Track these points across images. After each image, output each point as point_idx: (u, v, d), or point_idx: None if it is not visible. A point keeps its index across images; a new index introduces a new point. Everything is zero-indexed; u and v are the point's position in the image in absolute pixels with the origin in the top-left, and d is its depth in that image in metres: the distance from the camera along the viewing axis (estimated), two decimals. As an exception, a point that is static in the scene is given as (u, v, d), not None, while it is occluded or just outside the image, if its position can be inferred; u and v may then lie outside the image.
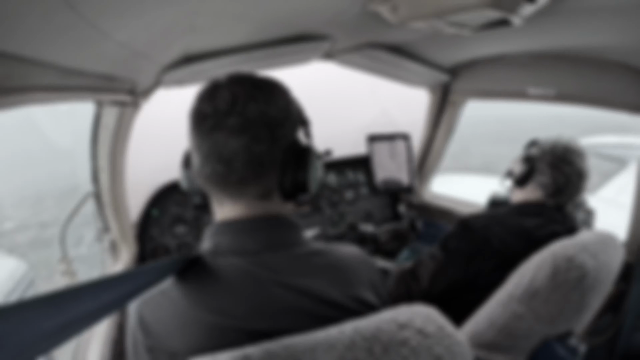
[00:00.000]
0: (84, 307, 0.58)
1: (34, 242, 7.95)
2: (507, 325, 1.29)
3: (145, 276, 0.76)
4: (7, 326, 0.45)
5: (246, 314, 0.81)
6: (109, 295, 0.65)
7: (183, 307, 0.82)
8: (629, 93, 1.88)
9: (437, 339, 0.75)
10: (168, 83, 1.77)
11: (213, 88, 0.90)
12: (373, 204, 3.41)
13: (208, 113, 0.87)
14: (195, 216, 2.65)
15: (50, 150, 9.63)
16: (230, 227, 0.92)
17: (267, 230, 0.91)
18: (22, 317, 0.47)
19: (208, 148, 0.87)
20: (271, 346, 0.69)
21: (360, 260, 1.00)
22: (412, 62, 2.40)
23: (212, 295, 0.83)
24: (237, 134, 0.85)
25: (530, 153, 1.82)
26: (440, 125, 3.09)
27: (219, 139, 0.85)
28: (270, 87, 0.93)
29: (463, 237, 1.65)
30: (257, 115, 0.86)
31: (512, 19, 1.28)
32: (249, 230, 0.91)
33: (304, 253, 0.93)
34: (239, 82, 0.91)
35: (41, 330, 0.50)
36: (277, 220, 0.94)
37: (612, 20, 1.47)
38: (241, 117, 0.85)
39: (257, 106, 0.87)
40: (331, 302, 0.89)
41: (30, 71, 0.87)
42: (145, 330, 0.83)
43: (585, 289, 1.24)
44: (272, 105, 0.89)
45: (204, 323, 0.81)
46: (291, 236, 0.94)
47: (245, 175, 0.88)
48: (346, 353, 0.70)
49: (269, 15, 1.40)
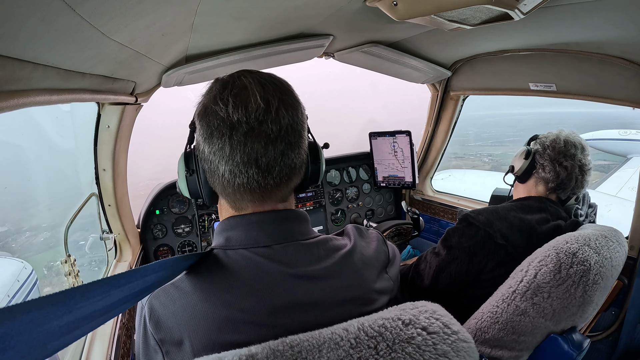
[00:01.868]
0: (93, 306, 0.58)
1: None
2: (511, 321, 1.29)
3: (155, 273, 0.76)
4: (17, 325, 0.45)
5: (257, 307, 0.82)
6: (119, 293, 0.65)
7: (194, 300, 0.83)
8: (629, 87, 1.88)
9: (442, 337, 0.75)
10: (169, 83, 1.78)
11: (239, 89, 0.86)
12: (375, 201, 3.41)
13: (239, 119, 0.83)
14: (197, 215, 2.66)
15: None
16: (242, 221, 0.92)
17: (277, 224, 0.92)
18: (31, 317, 0.47)
19: (244, 157, 0.84)
20: (277, 345, 0.69)
21: (365, 250, 1.01)
22: (413, 59, 2.40)
23: (223, 289, 0.84)
24: (274, 143, 0.85)
25: (531, 148, 1.81)
26: (441, 121, 3.09)
27: (256, 148, 0.84)
28: (289, 87, 0.93)
29: (466, 233, 1.64)
30: (289, 121, 0.87)
31: (512, 14, 1.27)
32: (260, 224, 0.91)
33: (314, 242, 0.94)
34: (262, 84, 0.88)
35: (51, 330, 0.50)
36: (287, 212, 0.95)
37: (612, 15, 1.46)
38: (276, 124, 0.85)
39: (288, 112, 0.87)
40: (347, 298, 0.90)
41: (31, 73, 0.87)
42: (156, 324, 0.84)
43: (589, 284, 1.24)
44: (297, 109, 0.91)
45: (215, 315, 0.81)
46: (302, 229, 0.96)
47: (281, 181, 0.89)
48: (352, 351, 0.71)
49: (269, 13, 1.40)
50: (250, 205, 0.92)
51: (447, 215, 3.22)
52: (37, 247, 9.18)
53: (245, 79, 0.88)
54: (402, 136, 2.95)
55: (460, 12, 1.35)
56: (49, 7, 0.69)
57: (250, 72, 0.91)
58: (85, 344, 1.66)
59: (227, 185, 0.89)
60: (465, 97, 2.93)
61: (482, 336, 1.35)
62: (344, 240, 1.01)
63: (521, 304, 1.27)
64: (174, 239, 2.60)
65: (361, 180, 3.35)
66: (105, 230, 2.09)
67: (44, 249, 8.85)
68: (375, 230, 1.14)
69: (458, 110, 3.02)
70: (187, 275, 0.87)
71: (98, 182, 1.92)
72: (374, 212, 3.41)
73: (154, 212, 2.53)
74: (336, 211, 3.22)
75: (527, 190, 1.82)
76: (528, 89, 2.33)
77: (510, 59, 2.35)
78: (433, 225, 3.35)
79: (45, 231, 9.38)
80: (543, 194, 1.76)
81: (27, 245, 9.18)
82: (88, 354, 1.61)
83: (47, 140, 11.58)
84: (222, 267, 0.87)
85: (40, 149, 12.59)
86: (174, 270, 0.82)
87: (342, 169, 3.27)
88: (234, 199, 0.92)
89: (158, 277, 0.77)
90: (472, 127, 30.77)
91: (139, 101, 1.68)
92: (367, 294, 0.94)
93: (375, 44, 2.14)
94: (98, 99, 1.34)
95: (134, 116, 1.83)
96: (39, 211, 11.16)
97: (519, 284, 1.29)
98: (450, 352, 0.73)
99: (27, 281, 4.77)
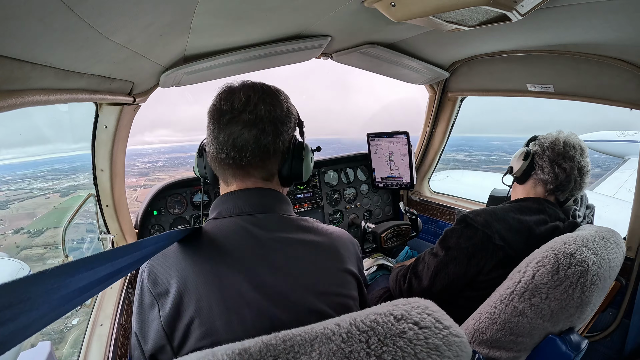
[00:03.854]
0: (103, 271, 0.66)
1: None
2: (509, 322, 1.29)
3: (155, 243, 0.88)
4: (41, 288, 0.52)
5: (241, 259, 0.98)
6: (122, 261, 0.74)
7: (184, 257, 0.99)
8: (627, 88, 1.89)
9: (433, 331, 0.76)
10: (167, 83, 1.77)
11: (230, 91, 1.12)
12: (373, 202, 3.41)
13: (226, 110, 1.09)
14: (194, 215, 2.65)
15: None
16: (232, 195, 1.12)
17: (259, 197, 1.11)
18: (52, 282, 0.54)
19: (224, 137, 1.09)
20: (270, 339, 0.70)
21: (344, 235, 1.19)
22: (411, 60, 2.40)
23: (213, 247, 1.00)
24: (249, 127, 1.08)
25: (530, 149, 1.82)
26: (439, 122, 3.09)
27: (234, 130, 1.08)
28: (276, 92, 1.15)
29: (464, 234, 1.64)
30: (265, 113, 1.09)
31: (510, 16, 1.28)
32: (247, 197, 1.11)
33: (294, 218, 1.13)
34: (252, 87, 1.13)
35: (68, 293, 0.57)
36: (271, 191, 1.15)
37: (610, 17, 1.47)
38: (253, 114, 1.08)
39: (265, 107, 1.10)
40: (320, 267, 1.05)
41: (29, 73, 0.87)
42: (154, 281, 0.99)
43: (587, 285, 1.24)
44: (277, 106, 1.12)
45: (202, 268, 0.96)
46: (282, 207, 1.14)
47: (253, 160, 1.10)
48: (343, 345, 0.72)
49: (267, 14, 1.40)
50: (233, 180, 1.14)
51: (445, 216, 3.22)
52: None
53: (239, 84, 1.15)
54: (400, 137, 2.95)
55: (458, 13, 1.35)
56: (48, 7, 0.69)
57: (249, 81, 1.17)
58: (83, 345, 1.66)
59: (214, 160, 1.14)
60: (463, 98, 2.94)
61: (480, 337, 1.35)
62: (330, 227, 1.19)
63: (519, 305, 1.28)
64: None
65: (359, 181, 3.35)
66: (103, 230, 2.08)
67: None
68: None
69: (456, 112, 3.03)
70: (182, 241, 1.02)
71: (96, 183, 1.91)
72: (372, 213, 3.41)
73: (151, 212, 2.52)
74: (334, 212, 3.22)
75: (525, 191, 1.83)
76: (526, 90, 2.33)
77: (508, 60, 2.35)
78: (431, 226, 3.35)
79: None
80: (541, 195, 1.76)
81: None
82: (86, 354, 1.61)
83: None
84: (213, 231, 1.03)
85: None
86: (169, 241, 0.96)
87: (340, 169, 3.27)
88: (221, 173, 1.15)
89: (155, 248, 0.89)
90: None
91: (136, 101, 1.67)
92: (339, 270, 1.08)
93: (373, 45, 2.14)
94: (96, 99, 1.34)
95: (132, 116, 1.83)
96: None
97: (517, 284, 1.29)
98: (441, 346, 0.74)
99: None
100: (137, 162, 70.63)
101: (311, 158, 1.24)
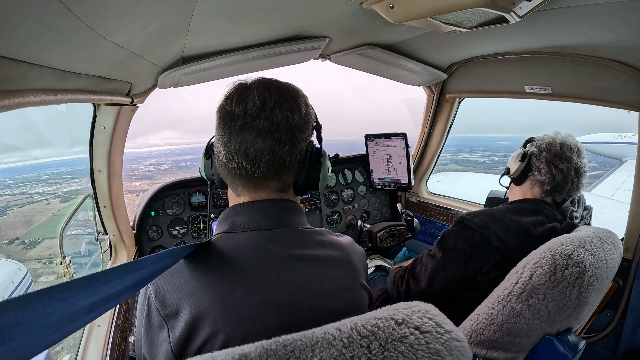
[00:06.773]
0: (111, 289, 0.64)
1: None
2: (506, 323, 1.29)
3: (162, 261, 0.83)
4: (54, 304, 0.51)
5: (258, 279, 0.91)
6: (132, 278, 0.71)
7: (196, 277, 0.91)
8: (624, 90, 1.89)
9: (435, 336, 0.75)
10: (165, 84, 1.77)
11: (242, 91, 1.00)
12: (370, 203, 3.41)
13: (238, 114, 0.97)
14: (192, 216, 2.65)
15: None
16: (246, 207, 1.02)
17: (276, 209, 1.03)
18: (64, 297, 0.52)
19: (236, 145, 0.98)
20: (270, 344, 0.70)
21: (356, 247, 1.13)
22: (409, 61, 2.41)
23: (227, 265, 0.92)
24: (263, 136, 0.97)
25: (527, 150, 1.82)
26: (437, 123, 3.10)
27: (247, 139, 0.97)
28: (293, 93, 1.03)
29: (461, 235, 1.65)
30: (282, 120, 0.98)
31: (508, 17, 1.28)
32: (262, 209, 1.02)
33: (312, 231, 1.05)
34: (267, 87, 1.00)
35: (78, 309, 0.56)
36: (287, 202, 1.06)
37: (607, 19, 1.47)
38: (268, 121, 0.97)
39: (282, 112, 0.98)
40: (337, 286, 0.99)
41: (27, 73, 0.87)
42: (162, 301, 0.91)
43: (584, 286, 1.24)
44: (295, 111, 1.01)
45: (217, 287, 0.89)
46: (299, 219, 1.06)
47: (267, 172, 1.00)
48: (344, 350, 0.71)
49: (266, 15, 1.40)
50: (244, 191, 1.04)
51: (443, 217, 3.22)
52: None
53: (254, 82, 1.03)
54: (398, 138, 2.95)
55: (457, 15, 1.35)
56: (46, 7, 0.69)
57: (265, 78, 1.05)
58: (81, 346, 1.65)
59: (223, 168, 1.03)
60: (461, 99, 2.94)
61: (478, 338, 1.36)
62: (341, 237, 1.12)
63: (517, 306, 1.28)
64: (169, 241, 2.59)
65: (357, 182, 3.35)
66: (100, 231, 2.08)
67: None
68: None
69: (454, 113, 3.03)
70: (190, 257, 0.94)
71: (93, 183, 1.91)
72: (370, 214, 3.41)
73: (149, 213, 2.52)
74: (332, 213, 3.22)
75: (522, 193, 1.83)
76: (524, 91, 2.34)
77: (506, 61, 2.36)
78: (429, 227, 3.35)
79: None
80: (539, 196, 1.77)
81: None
82: (83, 355, 1.60)
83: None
84: (228, 248, 0.95)
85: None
86: (179, 257, 0.90)
87: (337, 170, 3.27)
88: (230, 182, 1.05)
89: (164, 264, 0.84)
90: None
91: (134, 102, 1.67)
92: (354, 286, 1.04)
93: (371, 46, 2.15)
94: (94, 99, 1.33)
95: (130, 117, 1.82)
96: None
97: (515, 285, 1.30)
98: (443, 350, 0.74)
99: (22, 282, 4.74)
100: (142, 165, 69.42)
101: (328, 167, 1.14)
